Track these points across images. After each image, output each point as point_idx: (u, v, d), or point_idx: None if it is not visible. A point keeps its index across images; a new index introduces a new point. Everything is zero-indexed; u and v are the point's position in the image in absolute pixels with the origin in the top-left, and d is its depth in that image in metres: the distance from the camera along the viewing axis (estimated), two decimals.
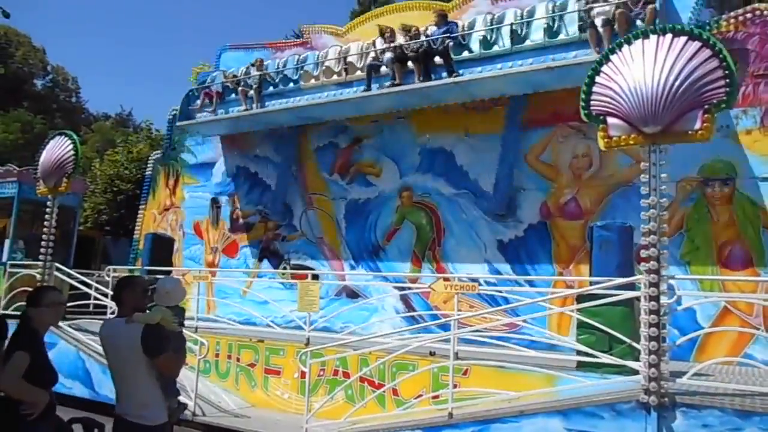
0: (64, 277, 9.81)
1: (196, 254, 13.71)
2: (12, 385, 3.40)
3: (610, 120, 5.32)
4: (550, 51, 8.82)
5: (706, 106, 4.93)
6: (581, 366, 6.21)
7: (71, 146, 9.22)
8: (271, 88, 11.69)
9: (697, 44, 5.05)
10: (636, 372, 5.34)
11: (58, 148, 9.29)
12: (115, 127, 35.11)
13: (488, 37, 9.37)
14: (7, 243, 11.41)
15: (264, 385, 8.34)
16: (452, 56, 9.36)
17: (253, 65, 11.87)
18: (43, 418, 3.50)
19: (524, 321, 7.35)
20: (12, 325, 3.62)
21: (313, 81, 11.17)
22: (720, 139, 7.86)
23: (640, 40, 5.29)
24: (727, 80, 4.89)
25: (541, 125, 9.83)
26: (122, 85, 72.41)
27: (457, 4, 10.92)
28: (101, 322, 4.02)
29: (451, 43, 9.36)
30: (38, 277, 9.50)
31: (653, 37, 5.22)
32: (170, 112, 15.02)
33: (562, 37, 8.80)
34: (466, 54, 9.49)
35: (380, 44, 10.41)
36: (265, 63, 11.86)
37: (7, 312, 9.88)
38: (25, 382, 3.42)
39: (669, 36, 5.16)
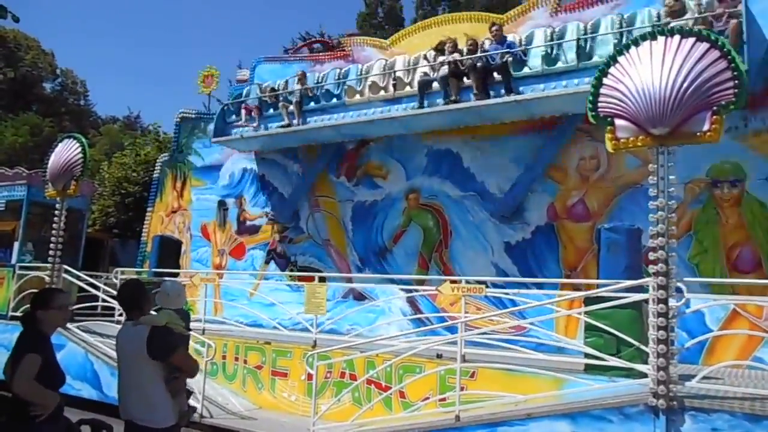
0: (73, 279, 9.87)
1: (204, 256, 13.76)
2: (25, 388, 3.42)
3: (618, 122, 5.30)
4: None
5: (714, 108, 4.90)
6: (589, 369, 6.18)
7: (80, 149, 9.28)
8: (312, 103, 11.33)
9: (705, 45, 5.02)
10: (644, 375, 5.31)
11: (66, 151, 9.35)
12: (123, 129, 35.25)
13: (549, 53, 9.00)
14: (16, 245, 11.48)
15: (271, 387, 8.34)
16: (512, 72, 8.98)
17: (297, 80, 11.43)
18: (51, 419, 3.52)
19: (531, 324, 7.31)
20: (14, 327, 3.64)
21: (358, 96, 10.78)
22: (729, 141, 7.82)
23: (647, 42, 5.26)
24: (736, 81, 4.87)
25: (548, 128, 9.79)
26: (130, 88, 72.87)
27: (512, 16, 10.41)
28: (109, 324, 4.05)
29: (510, 59, 8.97)
30: (47, 279, 9.55)
31: (661, 39, 5.20)
32: (178, 114, 15.10)
33: None
34: (526, 70, 9.07)
35: (432, 58, 9.92)
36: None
37: (15, 314, 9.96)
38: (37, 384, 3.44)
39: (677, 37, 5.14)
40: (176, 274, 10.65)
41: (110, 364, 8.47)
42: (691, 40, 5.08)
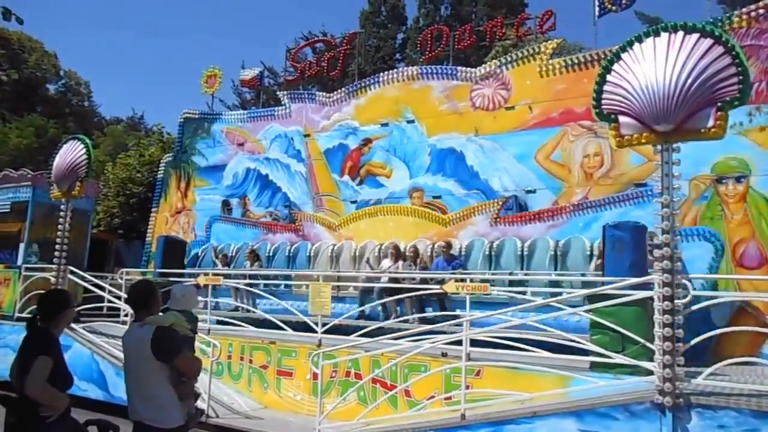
0: (78, 280, 9.89)
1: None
2: (38, 390, 3.43)
3: (622, 119, 5.28)
4: None
5: (719, 104, 4.88)
6: (595, 366, 6.16)
7: (84, 150, 9.29)
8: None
9: (709, 41, 4.99)
10: (650, 372, 5.29)
11: (71, 153, 9.37)
12: (127, 130, 35.31)
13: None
14: (21, 247, 11.52)
15: (276, 386, 8.35)
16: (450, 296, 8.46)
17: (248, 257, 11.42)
18: (60, 420, 3.54)
19: (536, 321, 7.29)
20: (21, 328, 3.65)
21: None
22: (733, 137, 7.80)
23: (651, 38, 5.24)
24: (740, 77, 4.84)
25: (551, 125, 9.79)
26: (134, 89, 72.93)
27: (453, 218, 10.38)
28: (115, 324, 4.07)
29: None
30: (52, 280, 9.58)
31: (664, 35, 5.17)
32: (181, 115, 15.13)
33: None
34: None
35: (373, 261, 10.10)
36: None
37: (21, 315, 10.00)
38: (50, 386, 3.46)
39: (680, 33, 5.11)
40: (181, 275, 10.67)
41: (116, 365, 8.49)
42: (695, 36, 5.05)
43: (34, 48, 36.62)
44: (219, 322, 9.27)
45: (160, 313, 3.94)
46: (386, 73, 12.59)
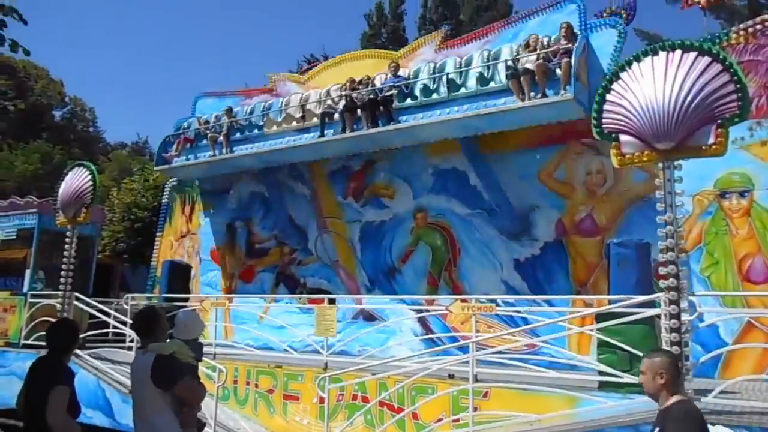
0: (84, 306, 9.90)
1: (214, 280, 13.77)
2: (61, 421, 3.46)
3: (623, 137, 5.32)
4: (483, 98, 9.27)
5: (719, 121, 4.91)
6: (603, 386, 6.12)
7: (89, 177, 9.37)
8: (239, 134, 12.17)
9: (707, 59, 5.05)
10: None
11: (76, 180, 9.45)
12: (131, 155, 35.63)
13: (430, 86, 9.85)
14: (27, 273, 11.55)
15: (283, 411, 8.30)
16: (394, 105, 9.98)
17: (225, 113, 12.33)
18: None
19: (544, 341, 7.26)
20: (27, 355, 3.66)
21: (275, 127, 11.69)
22: (735, 151, 7.80)
23: (649, 57, 5.29)
24: (739, 94, 4.88)
25: (553, 143, 9.81)
26: (138, 114, 73.66)
27: (405, 52, 11.48)
28: (121, 350, 4.09)
29: (395, 92, 9.98)
30: (58, 306, 9.60)
31: (662, 54, 5.23)
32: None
33: (493, 84, 9.25)
34: (409, 102, 9.97)
35: (335, 92, 11.03)
36: (234, 110, 12.36)
37: (28, 342, 9.99)
38: (69, 416, 3.50)
39: (678, 52, 5.17)
40: (186, 299, 10.67)
41: (122, 391, 8.46)
42: (693, 54, 5.10)
43: (39, 75, 37.11)
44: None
45: (168, 340, 3.96)
46: None
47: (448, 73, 9.68)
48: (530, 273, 9.86)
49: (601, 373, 6.09)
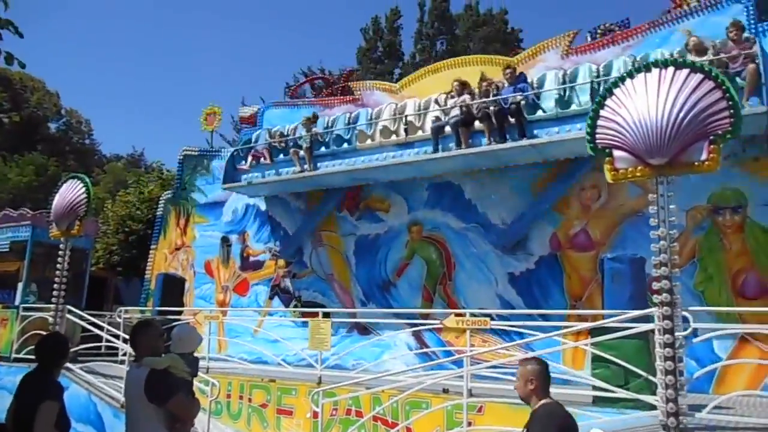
0: (76, 320, 9.82)
1: (208, 293, 13.73)
2: None
3: (616, 153, 5.35)
4: None
5: (711, 137, 4.95)
6: (597, 401, 6.10)
7: (83, 189, 9.33)
8: (322, 148, 11.38)
9: (699, 76, 5.09)
10: (653, 407, 5.24)
11: (70, 192, 9.41)
12: (127, 167, 35.58)
13: (562, 95, 9.05)
14: (20, 286, 11.47)
15: (276, 425, 8.23)
16: (526, 116, 9.02)
17: (304, 124, 11.51)
18: None
19: (538, 356, 7.23)
20: (18, 369, 3.63)
21: (369, 141, 10.83)
22: (728, 167, 7.85)
23: (642, 74, 5.34)
24: (732, 111, 4.92)
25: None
26: (134, 127, 73.75)
27: (523, 58, 10.51)
28: (113, 364, 4.06)
29: (523, 102, 9.02)
30: (50, 320, 9.52)
31: (655, 71, 5.28)
32: (180, 152, 15.25)
33: None
34: (540, 113, 9.16)
35: (443, 101, 9.95)
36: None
37: (20, 356, 9.89)
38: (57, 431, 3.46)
39: (671, 69, 5.22)
40: (180, 312, 10.61)
41: (113, 406, 8.38)
42: (685, 71, 5.15)
43: (35, 87, 37.17)
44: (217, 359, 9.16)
45: (169, 353, 3.94)
46: None
47: (592, 81, 8.73)
48: (525, 287, 9.87)
49: (595, 388, 6.08)
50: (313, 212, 12.49)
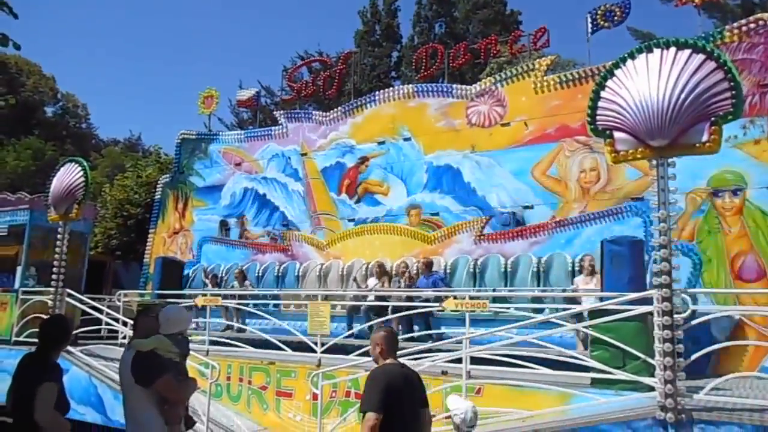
0: (76, 303, 9.84)
1: None
2: (48, 417, 3.43)
3: (617, 134, 5.31)
4: None
5: (712, 119, 4.91)
6: (595, 383, 6.13)
7: (81, 173, 9.29)
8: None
9: (701, 57, 5.04)
10: (652, 388, 5.26)
11: (68, 176, 9.37)
12: (124, 152, 35.43)
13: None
14: (19, 270, 11.47)
15: (276, 407, 8.28)
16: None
17: (236, 276, 11.60)
18: None
19: (537, 338, 7.26)
20: (18, 352, 3.63)
21: (292, 307, 10.78)
22: (728, 150, 7.83)
23: (644, 54, 5.29)
24: (733, 92, 4.88)
25: (547, 140, 9.84)
26: (131, 111, 73.25)
27: (439, 236, 10.80)
28: (113, 347, 4.07)
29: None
30: (50, 303, 9.53)
31: (657, 51, 5.22)
32: (178, 135, 15.18)
33: None
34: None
35: (361, 279, 10.48)
36: None
37: (20, 339, 9.93)
38: (57, 413, 3.46)
39: (673, 49, 5.16)
40: (179, 296, 10.62)
41: (114, 388, 8.42)
42: (687, 51, 5.10)
43: (31, 71, 36.86)
44: (216, 343, 9.19)
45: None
46: (382, 91, 12.67)
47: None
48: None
49: (593, 369, 6.11)
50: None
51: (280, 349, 8.45)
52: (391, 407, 3.41)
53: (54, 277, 9.46)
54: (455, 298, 7.47)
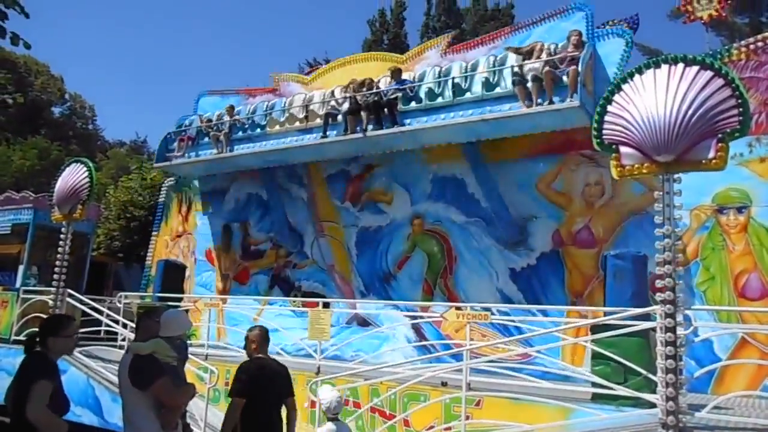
0: (76, 304, 9.83)
1: (208, 281, 13.71)
2: (40, 416, 3.39)
3: (623, 149, 5.31)
4: (488, 103, 9.24)
5: (719, 135, 4.91)
6: (596, 398, 6.09)
7: (86, 173, 9.32)
8: (240, 133, 12.09)
9: (709, 73, 5.05)
10: (653, 405, 5.22)
11: (73, 176, 9.40)
12: (129, 153, 35.56)
13: (435, 89, 9.82)
14: (20, 269, 11.48)
15: None
16: (399, 108, 9.90)
17: (227, 111, 12.29)
18: None
19: (538, 351, 7.23)
20: (17, 351, 3.62)
21: (277, 127, 11.61)
22: (734, 167, 7.82)
23: (651, 70, 5.29)
24: (740, 109, 4.88)
25: (551, 153, 9.82)
26: (138, 113, 73.62)
27: (411, 55, 11.38)
28: (112, 349, 4.07)
29: (399, 95, 9.94)
30: (50, 303, 9.53)
31: (665, 67, 5.23)
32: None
33: (498, 90, 9.22)
34: (413, 105, 9.93)
35: (339, 94, 10.88)
36: (236, 109, 12.27)
37: (18, 338, 9.91)
38: (50, 411, 3.43)
39: (681, 65, 5.17)
40: (180, 299, 10.61)
41: (112, 390, 8.39)
42: (695, 68, 5.10)
43: (40, 71, 37.07)
44: (216, 348, 9.17)
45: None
46: None
47: (453, 78, 9.60)
48: (526, 283, 9.84)
49: (594, 384, 6.07)
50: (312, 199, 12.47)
51: (279, 354, 8.41)
52: (255, 394, 4.11)
53: (55, 277, 9.46)
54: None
